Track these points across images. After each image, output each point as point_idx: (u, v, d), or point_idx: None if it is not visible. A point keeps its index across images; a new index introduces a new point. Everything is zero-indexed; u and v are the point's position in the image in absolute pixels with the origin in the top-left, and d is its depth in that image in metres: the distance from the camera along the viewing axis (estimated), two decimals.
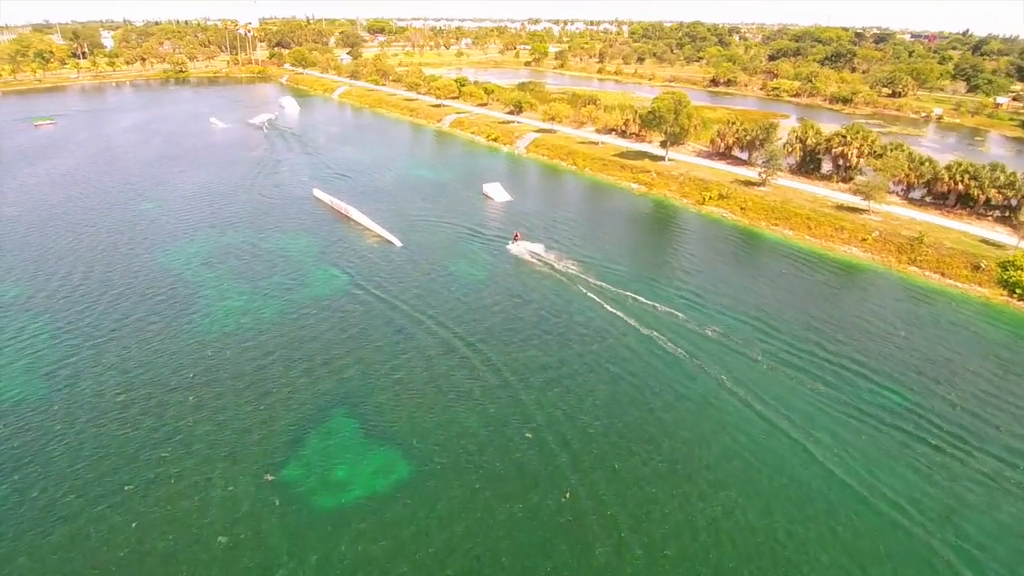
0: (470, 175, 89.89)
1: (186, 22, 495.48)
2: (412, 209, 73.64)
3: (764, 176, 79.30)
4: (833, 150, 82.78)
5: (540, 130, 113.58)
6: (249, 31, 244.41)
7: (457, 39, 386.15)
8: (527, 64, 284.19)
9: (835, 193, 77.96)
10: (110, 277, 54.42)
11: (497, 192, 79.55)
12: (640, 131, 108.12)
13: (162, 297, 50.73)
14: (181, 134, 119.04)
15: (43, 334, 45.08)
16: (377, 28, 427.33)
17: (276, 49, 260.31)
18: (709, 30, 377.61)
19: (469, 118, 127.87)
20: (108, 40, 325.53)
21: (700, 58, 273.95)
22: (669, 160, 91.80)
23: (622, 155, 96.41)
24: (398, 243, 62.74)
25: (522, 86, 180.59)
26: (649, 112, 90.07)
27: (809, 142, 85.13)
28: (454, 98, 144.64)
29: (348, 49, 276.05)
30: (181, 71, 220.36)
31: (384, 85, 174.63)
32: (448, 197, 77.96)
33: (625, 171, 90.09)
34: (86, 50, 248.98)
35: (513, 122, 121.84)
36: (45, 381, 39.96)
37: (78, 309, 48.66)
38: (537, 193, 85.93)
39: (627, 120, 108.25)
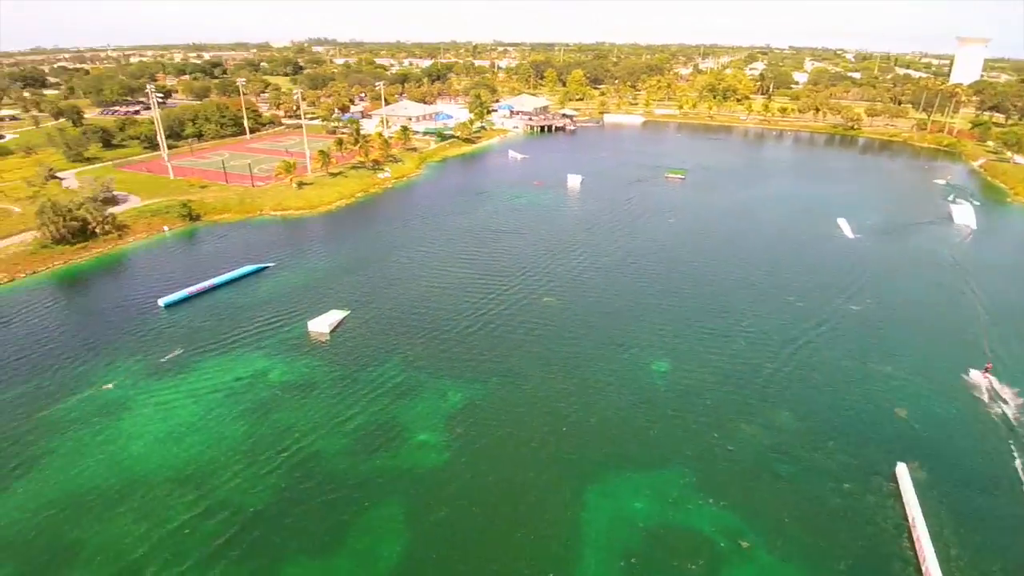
0: None
1: (894, 58, 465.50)
2: None
3: None
4: None
5: None
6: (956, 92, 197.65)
7: None
8: None
9: None
10: None
11: None
12: None
13: None
14: (787, 240, 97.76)
15: None
16: None
17: (987, 115, 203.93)
18: None
19: None
20: (803, 75, 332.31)
21: None
22: None
23: None
24: None
25: None
26: None
27: None
28: None
29: None
30: (852, 127, 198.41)
31: None
32: None
33: None
34: (771, 89, 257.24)
35: None
36: None
37: None
38: None
39: None
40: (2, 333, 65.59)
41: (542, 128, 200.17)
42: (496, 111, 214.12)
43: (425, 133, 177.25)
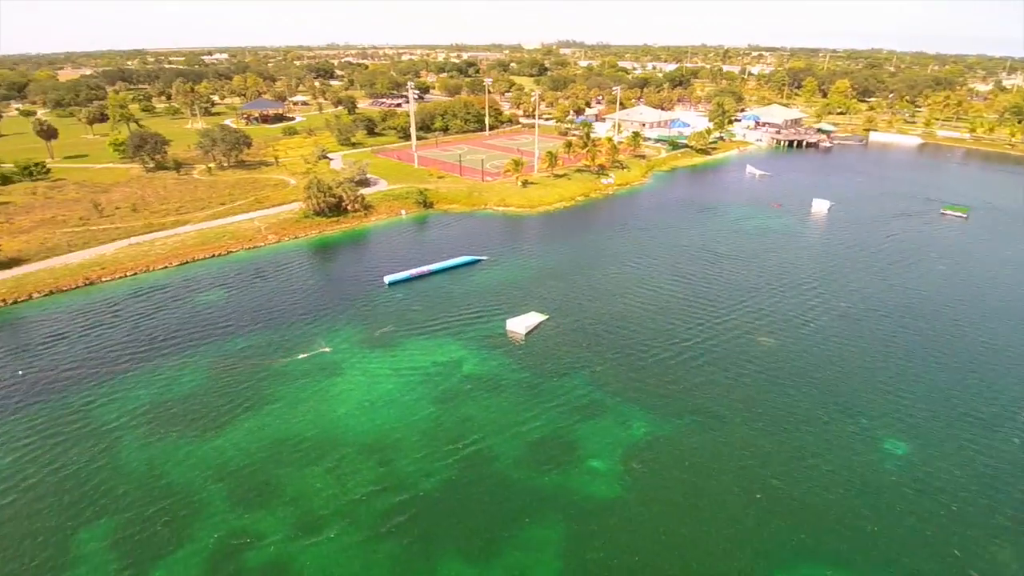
0: None
1: None
2: None
3: None
4: None
5: None
6: None
7: None
8: None
9: None
10: None
11: None
12: None
13: None
14: None
15: None
16: None
17: None
18: None
19: None
20: None
21: None
22: None
23: None
24: None
25: None
26: None
27: None
28: None
29: None
30: None
31: None
32: None
33: None
34: None
35: None
36: None
37: None
38: None
39: None
40: (262, 286, 78.08)
41: (790, 143, 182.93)
42: (739, 121, 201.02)
43: (657, 140, 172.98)
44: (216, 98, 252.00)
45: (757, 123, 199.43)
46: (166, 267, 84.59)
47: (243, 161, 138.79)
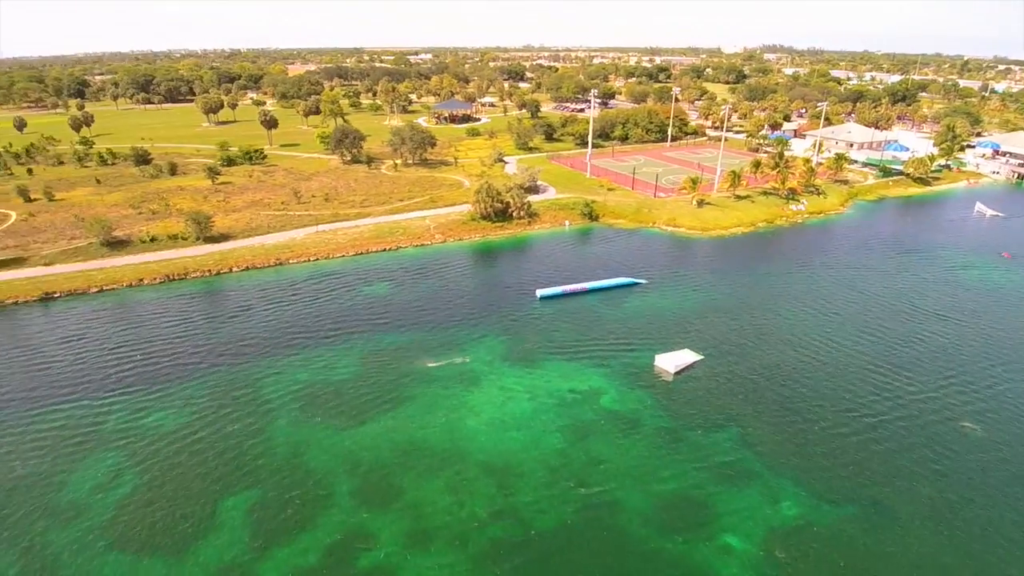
0: None
1: None
2: None
3: None
4: None
5: None
6: None
7: None
8: None
9: None
10: None
11: None
12: None
13: None
14: None
15: None
16: None
17: None
18: None
19: None
20: None
21: None
22: None
23: None
24: None
25: None
26: None
27: None
28: None
29: None
30: None
31: None
32: None
33: None
34: None
35: None
36: None
37: None
38: None
39: None
40: (422, 284, 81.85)
41: None
42: (973, 148, 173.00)
43: (865, 164, 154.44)
44: (414, 97, 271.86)
45: (996, 152, 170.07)
46: (343, 256, 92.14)
47: (426, 159, 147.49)
